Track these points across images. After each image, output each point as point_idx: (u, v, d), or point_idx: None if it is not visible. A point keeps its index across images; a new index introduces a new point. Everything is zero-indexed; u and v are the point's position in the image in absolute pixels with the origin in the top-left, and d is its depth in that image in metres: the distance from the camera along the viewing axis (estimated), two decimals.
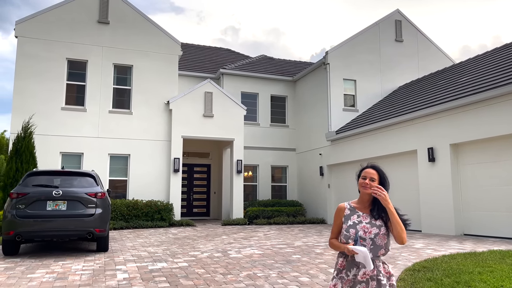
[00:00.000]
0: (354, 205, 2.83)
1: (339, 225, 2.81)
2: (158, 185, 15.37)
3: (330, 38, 78.43)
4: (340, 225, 2.80)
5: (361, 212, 2.77)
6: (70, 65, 15.06)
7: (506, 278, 5.20)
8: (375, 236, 2.65)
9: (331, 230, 2.90)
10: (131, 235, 11.43)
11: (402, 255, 7.57)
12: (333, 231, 2.87)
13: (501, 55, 13.22)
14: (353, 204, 2.84)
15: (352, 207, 2.82)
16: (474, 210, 10.83)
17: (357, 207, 2.81)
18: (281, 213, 16.59)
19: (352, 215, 2.77)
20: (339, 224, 2.81)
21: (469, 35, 73.02)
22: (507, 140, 10.03)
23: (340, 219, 2.81)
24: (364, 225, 2.70)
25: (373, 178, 2.73)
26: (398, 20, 18.80)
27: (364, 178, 2.75)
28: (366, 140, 14.84)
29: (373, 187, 2.65)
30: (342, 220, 2.79)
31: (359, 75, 17.77)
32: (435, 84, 14.87)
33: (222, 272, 6.21)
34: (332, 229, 2.89)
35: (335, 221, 2.86)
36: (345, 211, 2.81)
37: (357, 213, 2.77)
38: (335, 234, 2.85)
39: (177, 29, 75.47)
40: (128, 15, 15.96)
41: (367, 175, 2.75)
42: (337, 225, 2.83)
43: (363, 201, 2.80)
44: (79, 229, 7.76)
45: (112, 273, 6.23)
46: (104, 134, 14.96)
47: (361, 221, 2.71)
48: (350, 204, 2.84)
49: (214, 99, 16.41)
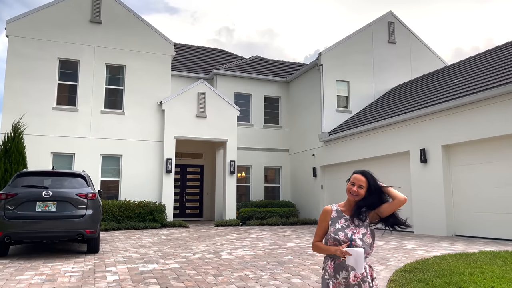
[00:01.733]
0: (341, 208, 2.80)
1: (324, 228, 2.78)
2: (150, 186, 15.28)
3: (324, 40, 78.64)
4: (326, 227, 2.76)
5: (347, 215, 2.75)
6: (62, 64, 14.93)
7: (497, 279, 5.21)
8: (363, 235, 2.65)
9: (316, 232, 2.85)
10: (122, 236, 11.34)
11: (394, 256, 7.58)
12: (318, 233, 2.81)
13: (493, 57, 13.31)
14: (339, 207, 2.81)
15: (339, 210, 2.79)
16: (466, 211, 10.89)
17: (343, 210, 2.78)
18: (274, 214, 16.57)
19: (340, 219, 2.74)
20: (325, 227, 2.78)
21: (462, 37, 73.59)
22: (498, 141, 10.09)
23: (326, 221, 2.78)
24: (351, 228, 2.69)
25: (361, 185, 2.71)
26: (391, 21, 18.87)
27: (353, 184, 2.72)
28: (359, 141, 14.87)
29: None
30: (329, 223, 2.75)
31: (352, 76, 17.81)
32: (427, 86, 14.94)
33: (213, 274, 6.17)
34: (317, 231, 2.83)
35: (320, 223, 2.81)
36: (331, 214, 2.78)
37: (344, 217, 2.75)
38: (320, 236, 2.80)
39: (172, 29, 75.23)
40: (120, 15, 15.87)
41: (355, 182, 2.72)
42: (323, 227, 2.79)
43: (350, 205, 2.77)
44: (69, 230, 7.68)
45: (102, 274, 6.16)
46: (96, 135, 14.84)
47: (349, 225, 2.69)
48: (337, 207, 2.81)
49: (207, 99, 16.35)
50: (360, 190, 2.69)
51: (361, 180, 2.71)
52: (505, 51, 13.17)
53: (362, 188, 2.70)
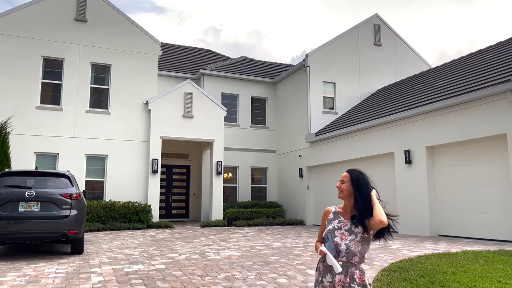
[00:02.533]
0: (339, 209, 2.81)
1: (323, 228, 2.82)
2: (136, 186, 15.14)
3: (311, 41, 79.05)
4: (324, 228, 2.81)
5: (343, 217, 2.75)
6: (46, 63, 14.70)
7: (479, 278, 5.31)
8: (350, 241, 2.61)
9: (318, 233, 2.92)
10: (107, 237, 11.22)
11: (379, 255, 7.67)
12: (319, 234, 2.87)
13: (476, 61, 13.57)
14: (339, 209, 2.82)
15: (337, 211, 2.81)
16: (449, 212, 11.07)
17: (341, 212, 2.80)
18: (261, 214, 16.59)
19: (334, 220, 2.76)
20: (323, 227, 2.83)
21: (445, 41, 74.81)
22: (481, 143, 10.30)
23: (324, 222, 2.83)
24: (342, 231, 2.67)
25: (343, 180, 2.74)
26: (377, 24, 19.09)
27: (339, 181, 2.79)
28: (345, 142, 14.99)
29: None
30: (326, 224, 2.80)
31: (338, 77, 17.95)
32: (412, 88, 15.15)
33: (200, 274, 6.15)
34: (319, 232, 2.89)
35: (321, 224, 2.88)
36: (329, 215, 2.82)
37: (339, 218, 2.75)
38: (320, 237, 2.84)
39: (158, 29, 74.71)
40: (106, 14, 15.70)
41: (340, 178, 2.78)
42: (322, 228, 2.84)
43: (346, 206, 2.78)
44: (53, 231, 7.56)
45: (87, 276, 6.09)
46: (80, 134, 14.65)
47: (341, 227, 2.70)
48: (336, 209, 2.83)
49: (194, 99, 16.29)
50: (343, 185, 2.72)
51: (344, 176, 2.76)
52: (488, 54, 13.44)
53: (344, 182, 2.73)
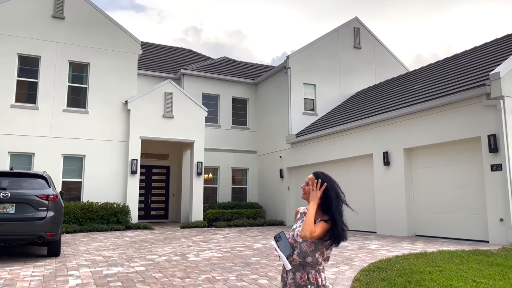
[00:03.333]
0: (305, 210, 2.83)
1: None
2: (114, 187, 14.91)
3: (291, 43, 79.54)
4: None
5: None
6: (22, 60, 14.33)
7: (455, 277, 5.46)
8: (303, 241, 2.61)
9: None
10: (85, 239, 11.02)
11: (358, 256, 7.78)
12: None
13: (452, 65, 13.92)
14: (306, 210, 2.83)
15: (303, 212, 2.84)
16: (425, 212, 11.32)
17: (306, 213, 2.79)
18: (241, 215, 16.58)
19: (300, 219, 2.80)
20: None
21: (422, 45, 76.46)
22: (457, 145, 10.57)
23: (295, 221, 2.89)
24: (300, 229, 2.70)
25: (308, 183, 2.73)
26: (357, 27, 19.36)
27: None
28: (325, 143, 15.15)
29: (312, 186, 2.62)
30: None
31: (319, 79, 18.12)
32: (390, 91, 15.43)
33: (180, 276, 6.11)
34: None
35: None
36: (297, 215, 2.86)
37: (303, 218, 2.78)
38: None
39: (138, 27, 73.80)
40: (85, 11, 15.42)
41: (306, 181, 2.77)
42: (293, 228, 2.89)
43: None
44: (29, 233, 7.38)
45: (64, 279, 5.97)
46: (57, 134, 14.33)
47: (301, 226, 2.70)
48: (305, 210, 2.86)
49: (175, 99, 16.17)
50: (307, 187, 2.72)
51: (309, 178, 2.76)
52: (463, 59, 13.81)
53: (309, 185, 2.72)
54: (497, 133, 9.30)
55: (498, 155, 9.27)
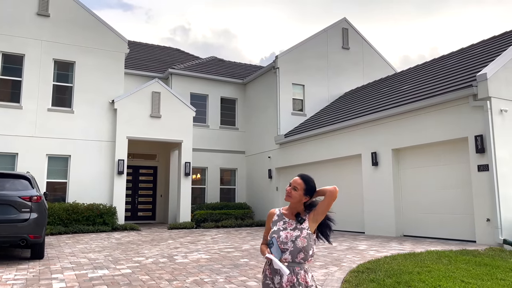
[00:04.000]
0: (283, 211, 2.85)
1: (268, 230, 2.83)
2: (100, 188, 14.67)
3: (280, 43, 79.59)
4: (269, 230, 2.82)
5: (287, 218, 2.79)
6: (5, 58, 14.01)
7: (443, 278, 5.46)
8: (296, 238, 2.65)
9: (263, 235, 2.91)
10: (70, 241, 10.81)
11: (347, 256, 7.75)
12: (264, 236, 2.87)
13: (439, 66, 14.03)
14: (283, 210, 2.85)
15: (281, 213, 2.84)
16: (413, 212, 11.38)
17: (285, 213, 2.83)
18: (230, 216, 16.47)
19: (279, 221, 2.79)
20: (268, 229, 2.83)
21: (409, 46, 77.24)
22: (444, 145, 10.64)
23: (269, 224, 2.84)
24: (288, 231, 2.70)
25: (295, 187, 2.75)
26: (345, 28, 19.42)
27: (289, 185, 2.79)
28: (313, 144, 15.14)
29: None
30: (271, 226, 2.81)
31: (307, 80, 18.12)
32: (378, 91, 15.50)
33: (167, 279, 6.00)
34: (264, 234, 2.89)
35: (266, 226, 2.87)
36: (273, 217, 2.83)
37: (283, 219, 2.78)
38: (265, 239, 2.84)
39: (125, 26, 73.01)
40: (70, 9, 15.15)
41: (292, 183, 2.78)
42: (267, 230, 2.85)
43: (291, 209, 2.82)
44: (12, 236, 7.19)
45: (48, 282, 5.81)
46: (42, 134, 14.05)
47: (286, 228, 2.72)
48: (280, 210, 2.86)
49: (162, 99, 15.99)
50: (294, 191, 2.74)
51: (297, 182, 2.75)
52: (450, 60, 13.93)
53: (296, 190, 2.74)
54: (484, 133, 9.38)
55: (485, 156, 9.34)
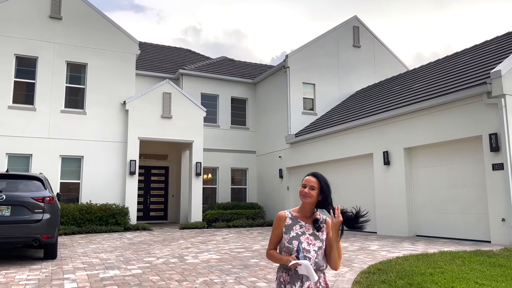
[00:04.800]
0: (295, 214, 2.68)
1: (278, 235, 2.64)
2: (113, 188, 14.81)
3: (291, 42, 79.40)
4: (280, 235, 2.63)
5: (303, 222, 2.63)
6: (19, 61, 14.23)
7: (456, 279, 5.36)
8: (319, 249, 2.55)
9: (270, 240, 2.70)
10: (83, 241, 10.93)
11: (358, 257, 7.68)
12: (272, 241, 2.68)
13: (452, 63, 13.82)
14: (294, 212, 2.69)
15: (294, 216, 2.67)
16: (426, 212, 11.22)
17: (298, 216, 2.66)
18: (241, 216, 16.48)
19: (294, 225, 2.62)
20: (278, 234, 2.64)
21: (422, 43, 76.31)
22: (458, 144, 10.47)
23: (280, 229, 2.64)
24: (307, 236, 2.57)
25: (313, 186, 2.61)
26: (356, 26, 19.26)
27: (304, 187, 2.63)
28: (324, 143, 15.05)
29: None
30: (283, 230, 2.62)
31: (318, 79, 18.02)
32: (390, 90, 15.33)
33: (177, 279, 6.02)
34: (271, 239, 2.69)
35: (274, 231, 2.67)
36: (286, 221, 2.64)
37: (299, 223, 2.63)
38: (274, 244, 2.67)
39: (137, 27, 73.66)
40: (82, 11, 15.32)
41: (307, 184, 2.62)
42: (277, 235, 2.65)
43: (305, 210, 2.66)
44: (25, 236, 7.29)
45: (59, 282, 5.87)
46: (55, 135, 14.24)
47: (304, 232, 2.59)
48: (291, 213, 2.69)
49: (173, 100, 16.07)
50: (312, 191, 2.60)
51: (312, 182, 2.62)
52: (463, 57, 13.71)
53: (314, 189, 2.60)
54: (498, 132, 9.20)
55: (500, 154, 9.17)
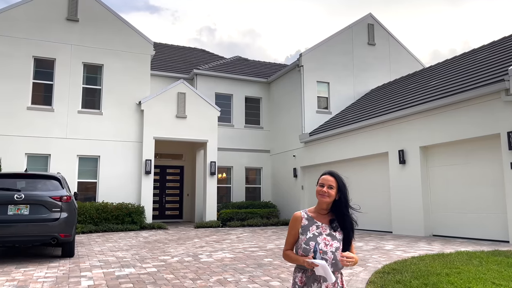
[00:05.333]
0: (311, 214, 2.65)
1: (295, 236, 2.61)
2: (129, 187, 15.01)
3: (305, 40, 79.10)
4: (296, 235, 2.60)
5: (319, 222, 2.60)
6: (37, 63, 14.53)
7: (473, 279, 5.27)
8: (336, 250, 2.52)
9: (286, 240, 2.66)
10: (99, 239, 11.10)
11: (373, 257, 7.62)
12: (289, 241, 2.64)
13: (469, 60, 13.58)
14: (310, 212, 2.66)
15: (310, 216, 2.63)
16: (443, 211, 11.06)
17: (314, 216, 2.63)
18: (255, 215, 16.51)
19: (311, 226, 2.59)
20: (295, 235, 2.61)
21: (439, 40, 75.12)
22: (473, 143, 10.29)
23: (296, 229, 2.61)
24: (324, 237, 2.55)
25: (331, 185, 2.58)
26: (371, 24, 19.07)
27: (322, 186, 2.59)
28: (338, 142, 14.96)
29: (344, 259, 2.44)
30: (299, 231, 2.59)
31: (332, 77, 17.92)
32: (406, 88, 15.14)
33: (191, 278, 6.07)
34: (287, 239, 2.66)
35: (290, 231, 2.64)
36: (302, 221, 2.61)
37: (316, 224, 2.60)
38: (291, 245, 2.63)
39: (152, 28, 74.36)
40: (98, 13, 15.54)
41: (325, 183, 2.59)
42: (293, 235, 2.62)
43: (321, 209, 2.63)
44: (43, 234, 7.44)
45: (76, 280, 5.98)
46: (72, 135, 14.50)
47: (321, 233, 2.55)
48: (307, 213, 2.65)
49: (188, 99, 16.18)
50: (330, 190, 2.57)
51: (330, 181, 2.58)
52: (481, 54, 13.45)
53: (333, 188, 2.57)
54: None
55: None
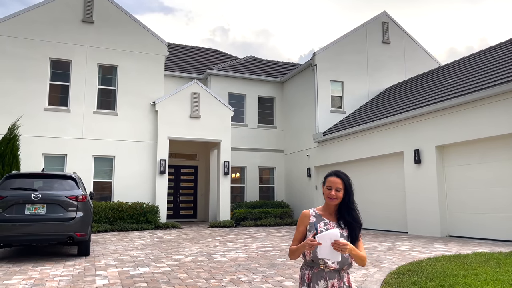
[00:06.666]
0: (319, 212, 2.69)
1: (302, 232, 2.66)
2: (143, 187, 15.15)
3: (319, 39, 78.73)
4: (304, 232, 2.65)
5: (327, 219, 2.65)
6: (54, 65, 14.77)
7: (491, 281, 5.17)
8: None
9: (294, 237, 2.71)
10: (115, 238, 11.22)
11: (388, 257, 7.53)
12: (296, 238, 2.69)
13: (487, 58, 13.31)
14: (318, 211, 2.70)
15: (318, 214, 2.68)
16: (459, 212, 10.87)
17: (322, 214, 2.68)
18: (268, 214, 16.49)
19: (319, 223, 2.63)
20: (302, 231, 2.66)
21: (456, 37, 73.94)
22: (492, 141, 10.08)
23: (304, 226, 2.66)
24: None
25: (339, 188, 2.61)
26: (385, 22, 18.86)
27: (329, 188, 2.62)
28: (353, 141, 14.83)
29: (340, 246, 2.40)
30: (307, 228, 2.64)
31: (346, 76, 17.78)
32: (421, 86, 14.93)
33: (205, 277, 6.08)
34: (295, 236, 2.70)
35: (298, 228, 2.70)
36: (310, 218, 2.66)
37: (323, 220, 2.64)
38: (298, 241, 2.66)
39: (166, 29, 74.95)
40: (113, 15, 15.72)
41: (332, 185, 2.62)
42: (300, 232, 2.67)
43: (329, 209, 2.67)
44: (59, 233, 7.56)
45: (92, 279, 6.06)
46: (88, 135, 14.70)
47: (329, 229, 2.57)
48: (316, 211, 2.70)
49: (201, 100, 16.25)
50: (338, 193, 2.60)
51: (337, 183, 2.61)
52: (498, 51, 13.18)
53: (340, 190, 2.60)
54: None
55: None
